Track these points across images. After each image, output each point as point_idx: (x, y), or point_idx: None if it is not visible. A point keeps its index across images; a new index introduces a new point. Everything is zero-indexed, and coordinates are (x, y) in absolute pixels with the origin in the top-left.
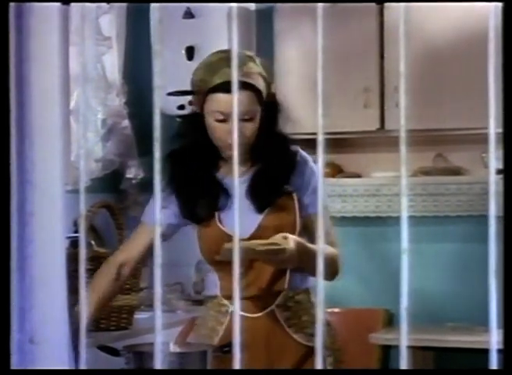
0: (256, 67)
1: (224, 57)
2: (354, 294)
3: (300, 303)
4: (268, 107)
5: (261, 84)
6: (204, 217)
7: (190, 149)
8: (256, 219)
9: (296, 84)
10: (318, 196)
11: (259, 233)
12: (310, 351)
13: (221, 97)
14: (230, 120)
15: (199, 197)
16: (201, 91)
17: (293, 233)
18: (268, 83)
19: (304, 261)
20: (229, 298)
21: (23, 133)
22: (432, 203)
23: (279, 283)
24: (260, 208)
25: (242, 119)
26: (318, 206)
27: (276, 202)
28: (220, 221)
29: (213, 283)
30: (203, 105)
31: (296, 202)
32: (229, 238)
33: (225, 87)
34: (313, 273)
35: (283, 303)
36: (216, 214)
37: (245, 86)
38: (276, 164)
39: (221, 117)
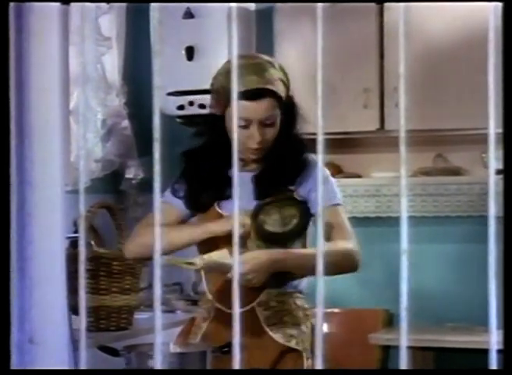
0: (277, 73)
1: (244, 64)
2: (354, 294)
3: (284, 304)
4: (286, 110)
5: (281, 90)
6: (206, 205)
7: (206, 148)
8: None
9: (295, 84)
10: (327, 192)
11: None
12: (286, 351)
13: (243, 104)
14: (251, 126)
15: (205, 189)
16: (223, 97)
17: None
18: (287, 86)
19: (295, 269)
20: (213, 293)
21: (22, 133)
22: (431, 203)
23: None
24: (258, 195)
25: (264, 125)
26: (328, 202)
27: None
28: (219, 206)
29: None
30: (225, 109)
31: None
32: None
33: (248, 95)
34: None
35: (265, 302)
36: (217, 202)
37: (267, 93)
38: (286, 163)
39: (242, 123)
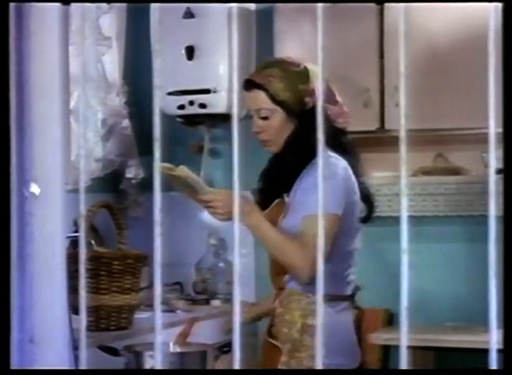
0: (280, 72)
1: (263, 61)
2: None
3: (291, 303)
4: (302, 117)
5: (276, 87)
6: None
7: None
8: None
9: None
10: (306, 198)
11: None
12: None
13: (244, 94)
14: (254, 116)
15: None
16: None
17: None
18: (300, 92)
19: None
20: None
21: (22, 132)
22: (431, 203)
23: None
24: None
25: (259, 117)
26: (309, 209)
27: (274, 203)
28: None
29: None
30: None
31: (285, 207)
32: None
33: (245, 85)
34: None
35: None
36: None
37: (254, 85)
38: (287, 170)
39: (249, 113)
